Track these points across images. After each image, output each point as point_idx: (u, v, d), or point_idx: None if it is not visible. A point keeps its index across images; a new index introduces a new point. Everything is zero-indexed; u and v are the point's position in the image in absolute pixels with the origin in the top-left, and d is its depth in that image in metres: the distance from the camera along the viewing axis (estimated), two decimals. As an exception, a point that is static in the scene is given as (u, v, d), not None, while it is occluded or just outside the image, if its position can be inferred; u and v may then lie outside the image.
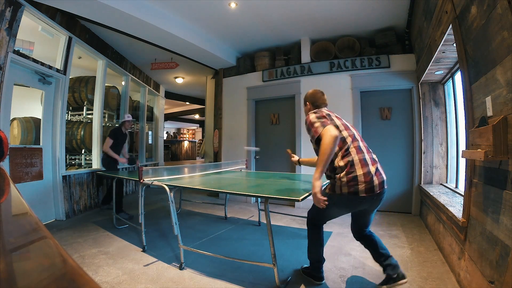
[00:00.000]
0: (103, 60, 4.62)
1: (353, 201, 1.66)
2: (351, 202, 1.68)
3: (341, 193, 1.65)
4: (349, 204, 1.71)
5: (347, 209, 1.79)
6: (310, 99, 2.04)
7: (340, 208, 1.77)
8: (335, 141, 1.56)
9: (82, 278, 0.33)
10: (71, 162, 4.86)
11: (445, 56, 2.56)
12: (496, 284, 1.31)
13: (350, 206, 1.74)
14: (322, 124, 1.67)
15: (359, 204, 1.69)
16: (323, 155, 1.55)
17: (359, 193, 1.61)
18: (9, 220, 0.67)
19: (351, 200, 1.65)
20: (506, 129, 1.21)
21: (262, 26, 4.20)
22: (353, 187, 1.62)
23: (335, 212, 1.83)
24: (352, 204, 1.70)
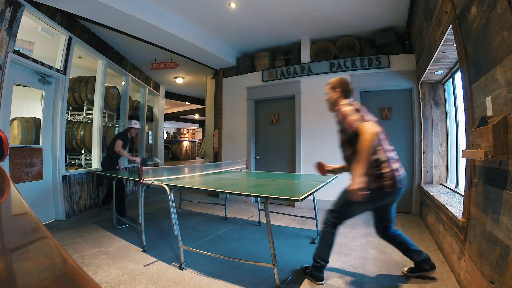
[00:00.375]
0: (103, 60, 4.61)
1: (379, 196, 1.74)
2: (377, 197, 1.74)
3: (369, 189, 1.65)
4: (375, 199, 1.75)
5: (372, 204, 1.83)
6: (341, 85, 1.95)
7: (366, 204, 1.76)
8: (376, 137, 1.57)
9: (82, 278, 0.33)
10: (71, 162, 4.86)
11: (445, 56, 2.56)
12: (496, 284, 1.31)
13: (376, 201, 1.79)
14: (360, 119, 1.64)
15: (383, 198, 1.77)
16: (365, 151, 1.55)
17: (384, 188, 1.70)
18: (9, 220, 0.67)
19: (377, 195, 1.72)
20: (506, 129, 1.21)
21: (262, 26, 4.20)
22: (381, 183, 1.70)
23: (360, 208, 1.86)
24: (378, 199, 1.76)
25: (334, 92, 1.96)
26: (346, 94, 1.94)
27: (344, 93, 1.94)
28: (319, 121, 4.42)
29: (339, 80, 1.98)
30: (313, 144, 4.46)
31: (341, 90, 1.94)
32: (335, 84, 1.97)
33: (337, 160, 4.59)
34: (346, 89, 1.94)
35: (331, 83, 2.00)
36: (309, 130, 4.50)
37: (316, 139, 4.44)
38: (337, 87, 1.95)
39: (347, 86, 1.95)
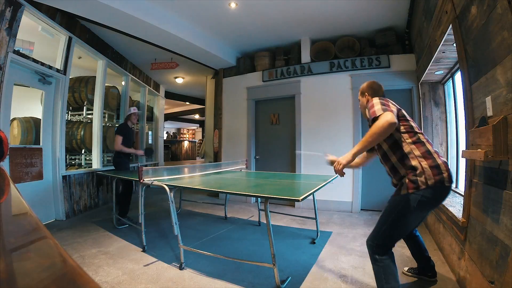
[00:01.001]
0: (103, 60, 4.61)
1: (441, 193, 1.50)
2: (439, 195, 1.51)
3: (428, 187, 1.44)
4: (436, 198, 1.51)
5: (432, 206, 1.60)
6: (368, 89, 1.86)
7: (425, 207, 1.51)
8: (389, 128, 1.43)
9: (82, 278, 0.33)
10: (71, 162, 4.86)
11: (445, 56, 2.56)
12: (496, 284, 1.31)
13: (437, 201, 1.56)
14: (383, 108, 1.51)
15: (445, 196, 1.53)
16: (370, 135, 1.46)
17: (445, 182, 1.45)
18: (9, 220, 0.67)
19: (438, 192, 1.48)
20: (506, 129, 1.21)
21: (262, 26, 4.20)
22: (439, 175, 1.45)
23: (417, 216, 1.59)
24: (439, 197, 1.52)
25: (364, 97, 1.89)
26: (376, 94, 1.83)
27: (374, 94, 1.83)
28: (319, 121, 4.42)
29: (367, 85, 1.88)
30: (313, 144, 4.46)
31: (370, 94, 1.85)
32: (363, 89, 1.89)
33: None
34: (375, 92, 1.83)
35: (360, 90, 1.92)
36: (309, 130, 4.50)
37: (316, 139, 4.44)
38: (365, 92, 1.87)
39: (376, 89, 1.85)
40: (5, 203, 0.81)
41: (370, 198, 4.16)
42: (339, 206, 4.22)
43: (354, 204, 4.16)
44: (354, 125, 4.18)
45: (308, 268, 2.21)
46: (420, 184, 1.45)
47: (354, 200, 4.16)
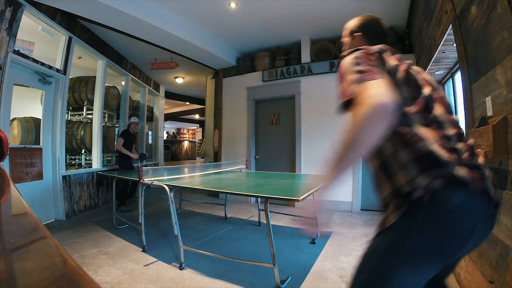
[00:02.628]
0: (103, 60, 4.62)
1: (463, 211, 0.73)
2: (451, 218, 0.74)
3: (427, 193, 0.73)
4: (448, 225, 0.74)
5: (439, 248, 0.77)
6: (362, 27, 1.12)
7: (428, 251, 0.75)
8: (380, 115, 0.67)
9: (82, 278, 0.33)
10: (71, 162, 4.86)
11: (445, 56, 2.56)
12: (496, 284, 1.31)
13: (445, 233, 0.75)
14: (360, 78, 0.77)
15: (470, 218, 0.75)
16: (350, 139, 0.70)
17: (467, 184, 0.73)
18: (9, 220, 0.67)
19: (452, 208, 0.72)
20: (506, 129, 1.21)
21: (262, 26, 4.20)
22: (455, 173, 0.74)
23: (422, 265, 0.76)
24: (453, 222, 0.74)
25: (353, 40, 1.14)
26: (373, 41, 1.03)
27: (369, 40, 1.08)
28: (319, 121, 4.42)
29: (360, 20, 1.15)
30: (313, 144, 4.46)
31: (363, 34, 1.11)
32: (354, 27, 1.14)
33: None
34: (373, 32, 1.11)
35: (348, 27, 1.17)
36: (309, 130, 4.50)
37: (316, 139, 4.44)
38: (356, 31, 1.13)
39: (373, 26, 1.12)
40: (5, 203, 0.81)
41: (370, 198, 4.15)
42: (339, 206, 4.22)
43: (354, 204, 4.16)
44: (354, 125, 4.18)
45: (308, 268, 2.21)
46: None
47: (354, 200, 4.16)
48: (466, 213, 0.72)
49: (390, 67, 0.85)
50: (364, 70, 0.79)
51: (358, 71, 0.79)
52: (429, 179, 0.73)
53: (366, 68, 0.79)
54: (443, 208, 0.71)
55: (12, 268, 0.37)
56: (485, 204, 0.74)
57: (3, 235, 0.52)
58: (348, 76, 0.81)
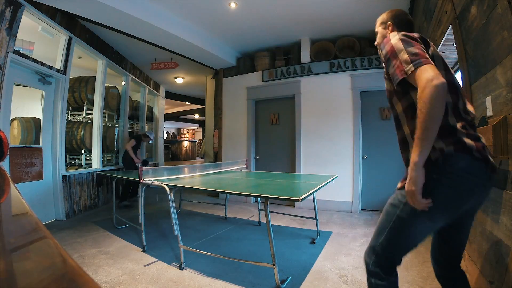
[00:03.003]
0: (103, 60, 4.62)
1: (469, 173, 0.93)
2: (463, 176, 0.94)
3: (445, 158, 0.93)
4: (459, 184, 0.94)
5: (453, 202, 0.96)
6: (393, 18, 1.28)
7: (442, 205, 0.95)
8: (442, 94, 0.86)
9: (82, 278, 0.33)
10: (71, 162, 4.85)
11: (445, 56, 2.56)
12: (496, 284, 1.31)
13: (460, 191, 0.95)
14: (417, 60, 0.92)
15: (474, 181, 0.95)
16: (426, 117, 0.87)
17: (473, 151, 0.93)
18: (9, 220, 0.67)
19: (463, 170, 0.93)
20: (506, 129, 1.21)
21: (262, 26, 4.20)
22: (463, 143, 0.95)
23: (429, 220, 0.99)
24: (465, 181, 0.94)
25: (385, 29, 1.31)
26: (402, 29, 1.21)
27: (399, 28, 1.24)
28: (319, 121, 4.42)
29: (390, 12, 1.32)
30: (313, 144, 4.46)
31: (393, 23, 1.27)
32: (382, 20, 1.33)
33: (336, 161, 4.57)
34: (402, 21, 1.26)
35: (379, 19, 1.36)
36: (309, 130, 4.50)
37: (316, 139, 4.44)
38: (388, 21, 1.29)
39: (402, 17, 1.28)
40: (5, 203, 0.81)
41: (370, 198, 4.15)
42: (339, 206, 4.22)
43: (354, 204, 4.16)
44: (354, 125, 4.18)
45: (308, 268, 2.21)
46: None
47: (354, 200, 4.16)
48: (469, 174, 0.92)
49: (430, 52, 1.02)
50: (418, 52, 0.95)
51: (413, 53, 0.95)
52: (444, 145, 0.93)
53: (419, 51, 0.95)
54: (453, 168, 0.92)
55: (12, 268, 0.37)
56: (483, 169, 0.93)
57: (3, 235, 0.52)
58: (402, 55, 0.98)
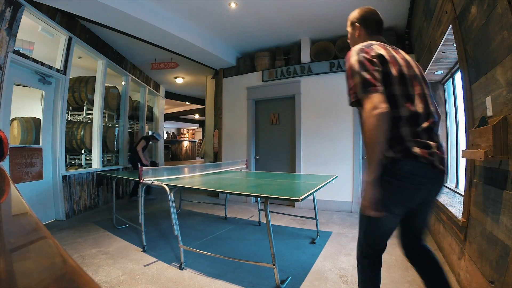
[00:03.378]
0: (103, 60, 4.62)
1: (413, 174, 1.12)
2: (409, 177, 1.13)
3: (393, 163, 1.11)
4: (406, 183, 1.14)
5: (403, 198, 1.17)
6: (361, 18, 1.35)
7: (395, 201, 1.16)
8: (383, 122, 1.02)
9: (82, 278, 0.33)
10: (71, 162, 4.86)
11: (445, 56, 2.56)
12: (496, 284, 1.31)
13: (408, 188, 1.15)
14: (365, 87, 1.07)
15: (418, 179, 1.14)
16: (371, 144, 1.04)
17: (418, 158, 1.11)
18: (9, 220, 0.67)
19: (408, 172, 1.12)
20: (506, 129, 1.21)
21: (262, 26, 4.20)
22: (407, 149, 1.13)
23: (390, 214, 1.17)
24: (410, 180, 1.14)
25: (353, 30, 1.39)
26: (371, 30, 1.33)
27: (368, 29, 1.33)
28: (319, 121, 4.42)
29: (359, 11, 1.36)
30: (313, 144, 4.46)
31: (361, 24, 1.34)
32: (351, 20, 1.38)
33: (336, 161, 4.57)
34: (369, 22, 1.33)
35: (349, 18, 1.41)
36: (309, 130, 4.50)
37: (316, 139, 4.44)
38: (356, 22, 1.36)
39: (369, 17, 1.33)
40: (5, 203, 0.81)
41: (370, 198, 4.15)
42: (339, 206, 4.22)
43: (354, 204, 4.16)
44: (354, 125, 4.18)
45: (308, 268, 2.21)
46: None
47: (354, 200, 4.16)
48: (415, 175, 1.09)
49: (386, 70, 1.13)
50: (369, 79, 1.08)
51: (364, 79, 1.08)
52: (393, 153, 1.10)
53: (370, 78, 1.08)
54: (400, 171, 1.10)
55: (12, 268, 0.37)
56: (430, 170, 1.10)
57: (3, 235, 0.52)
58: (356, 78, 1.12)
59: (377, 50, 1.15)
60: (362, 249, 1.29)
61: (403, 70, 1.16)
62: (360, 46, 1.18)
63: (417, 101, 1.14)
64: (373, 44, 1.19)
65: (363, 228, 1.27)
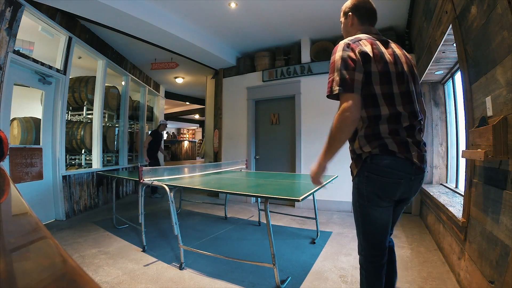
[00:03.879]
0: (103, 60, 4.62)
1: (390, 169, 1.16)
2: (385, 172, 1.17)
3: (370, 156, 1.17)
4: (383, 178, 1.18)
5: (383, 192, 1.20)
6: (353, 8, 1.33)
7: (376, 196, 1.20)
8: (349, 125, 1.07)
9: (82, 278, 0.33)
10: (71, 162, 4.86)
11: (445, 56, 2.56)
12: (496, 284, 1.31)
13: (384, 183, 1.18)
14: (342, 86, 1.08)
15: (396, 174, 1.18)
16: (332, 138, 1.13)
17: (394, 153, 1.16)
18: (9, 220, 0.67)
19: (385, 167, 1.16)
20: (506, 129, 1.21)
21: (262, 26, 4.20)
22: (383, 143, 1.17)
23: (375, 209, 1.21)
24: (387, 174, 1.18)
25: (347, 19, 1.36)
26: (363, 19, 1.31)
27: (360, 18, 1.31)
28: (319, 121, 4.42)
29: (352, 1, 1.35)
30: (313, 144, 4.46)
31: (354, 14, 1.32)
32: (347, 7, 1.36)
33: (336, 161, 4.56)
34: (362, 11, 1.31)
35: (342, 8, 1.39)
36: (309, 130, 4.50)
37: (316, 139, 4.44)
38: (349, 11, 1.34)
39: (362, 6, 1.32)
40: (5, 203, 0.81)
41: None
42: (339, 206, 4.22)
43: (354, 204, 4.15)
44: (354, 125, 4.18)
45: (308, 268, 2.21)
46: None
47: (354, 200, 4.15)
48: (393, 169, 1.13)
49: (368, 69, 1.12)
50: (347, 79, 1.08)
51: (343, 78, 1.09)
52: (371, 148, 1.14)
53: (348, 78, 1.08)
54: (378, 166, 1.14)
55: (12, 268, 0.37)
56: (408, 165, 1.13)
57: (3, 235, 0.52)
58: (336, 75, 1.12)
59: (362, 47, 1.13)
60: (366, 254, 1.26)
61: (388, 68, 1.14)
62: (348, 40, 1.16)
63: (399, 101, 1.14)
64: (361, 39, 1.17)
65: (360, 227, 1.26)
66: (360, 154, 1.18)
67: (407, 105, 1.16)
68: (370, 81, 1.12)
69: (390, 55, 1.17)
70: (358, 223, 1.27)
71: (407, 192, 1.21)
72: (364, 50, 1.12)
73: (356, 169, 1.21)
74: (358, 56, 1.11)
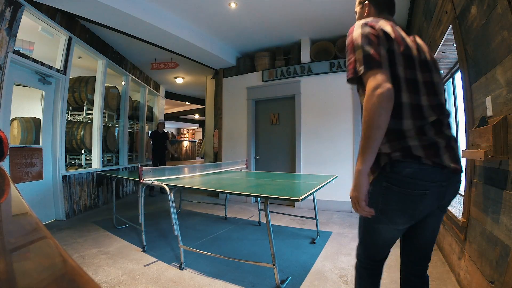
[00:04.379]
0: (103, 60, 4.62)
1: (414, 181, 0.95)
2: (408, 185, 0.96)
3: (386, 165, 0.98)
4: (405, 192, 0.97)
5: (402, 208, 0.99)
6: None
7: (393, 211, 1.00)
8: (385, 103, 0.86)
9: (82, 278, 0.33)
10: (71, 162, 4.86)
11: (445, 56, 2.56)
12: (496, 284, 1.31)
13: (406, 198, 0.98)
14: (368, 63, 0.92)
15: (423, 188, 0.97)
16: (368, 129, 0.89)
17: (421, 159, 0.95)
18: (9, 220, 0.67)
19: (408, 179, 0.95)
20: (506, 129, 1.21)
21: (262, 26, 4.20)
22: (408, 147, 0.97)
23: (386, 225, 1.04)
24: (411, 188, 0.96)
25: (363, 8, 1.26)
26: (381, 8, 1.19)
27: (378, 7, 1.19)
28: (319, 121, 4.42)
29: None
30: (313, 144, 4.46)
31: (371, 3, 1.21)
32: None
33: (336, 161, 4.57)
34: (381, 0, 1.19)
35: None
36: (309, 130, 4.50)
37: (316, 139, 4.44)
38: (365, 0, 1.23)
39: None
40: (5, 203, 0.81)
41: (370, 198, 4.15)
42: (339, 206, 4.22)
43: (354, 204, 4.15)
44: (354, 125, 4.18)
45: (308, 268, 2.21)
46: None
47: (354, 200, 4.15)
48: (418, 179, 0.93)
49: (392, 47, 0.96)
50: (372, 54, 0.92)
51: (367, 54, 0.93)
52: (391, 150, 0.94)
53: (373, 53, 0.92)
54: (400, 175, 0.94)
55: (12, 268, 0.37)
56: (438, 173, 0.94)
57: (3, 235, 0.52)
58: (358, 53, 0.96)
59: (383, 26, 0.99)
60: (361, 259, 1.18)
61: (411, 52, 1.00)
62: (364, 20, 1.03)
63: (424, 91, 0.98)
64: (379, 20, 1.04)
65: (360, 235, 1.15)
66: (378, 155, 0.96)
67: (432, 96, 0.99)
68: (394, 61, 0.95)
69: (412, 41, 1.05)
70: (360, 230, 1.14)
71: (439, 201, 1.00)
72: (385, 28, 0.98)
73: (372, 176, 1.00)
74: (379, 33, 0.96)
